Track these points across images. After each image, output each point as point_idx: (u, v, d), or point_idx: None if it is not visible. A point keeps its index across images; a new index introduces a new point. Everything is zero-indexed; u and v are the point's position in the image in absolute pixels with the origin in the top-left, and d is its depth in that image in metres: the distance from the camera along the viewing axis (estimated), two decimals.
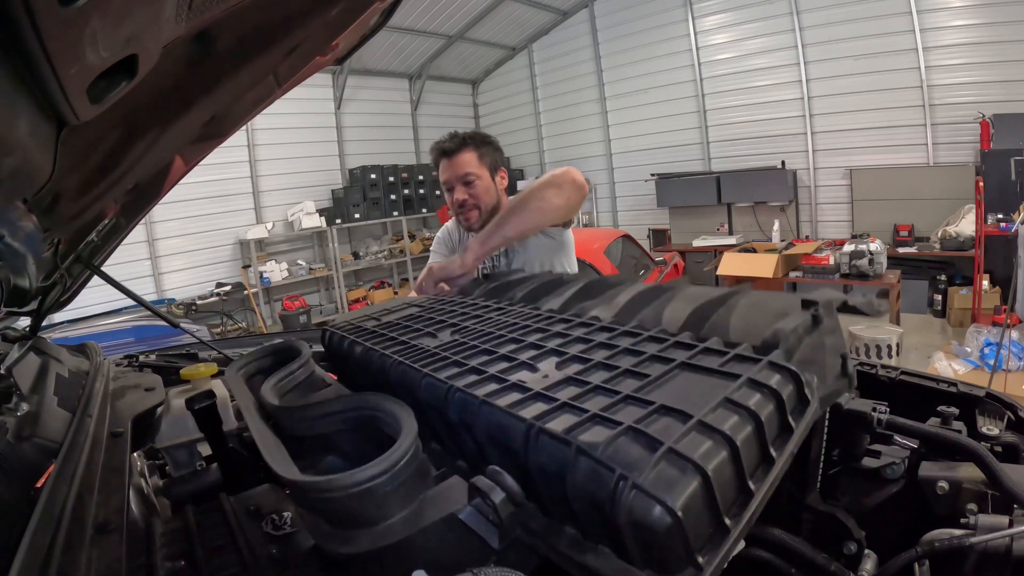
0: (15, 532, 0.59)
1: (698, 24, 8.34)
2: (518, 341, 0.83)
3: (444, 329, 0.98)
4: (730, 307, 0.83)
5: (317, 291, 9.03)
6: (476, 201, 1.77)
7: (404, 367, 0.83)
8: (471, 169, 1.77)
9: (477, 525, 0.57)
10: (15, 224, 0.78)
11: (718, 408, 0.55)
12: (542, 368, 0.72)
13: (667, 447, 0.50)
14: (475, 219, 1.78)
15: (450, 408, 0.70)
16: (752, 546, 0.77)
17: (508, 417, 0.61)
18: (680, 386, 0.62)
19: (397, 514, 0.60)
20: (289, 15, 0.69)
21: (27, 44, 0.37)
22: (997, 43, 6.08)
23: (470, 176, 1.76)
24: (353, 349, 1.02)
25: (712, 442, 0.51)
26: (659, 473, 0.48)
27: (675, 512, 0.46)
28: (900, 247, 6.55)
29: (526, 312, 0.99)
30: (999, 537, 0.66)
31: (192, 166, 1.15)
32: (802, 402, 0.61)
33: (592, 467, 0.52)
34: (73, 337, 4.54)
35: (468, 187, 1.76)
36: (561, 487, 0.55)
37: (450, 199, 1.82)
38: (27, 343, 1.16)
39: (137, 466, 1.09)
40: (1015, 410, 0.98)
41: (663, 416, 0.56)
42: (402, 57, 9.38)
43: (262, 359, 1.10)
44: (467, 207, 1.77)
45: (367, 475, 0.58)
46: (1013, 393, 1.19)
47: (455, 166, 1.76)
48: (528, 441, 0.58)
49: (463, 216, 1.80)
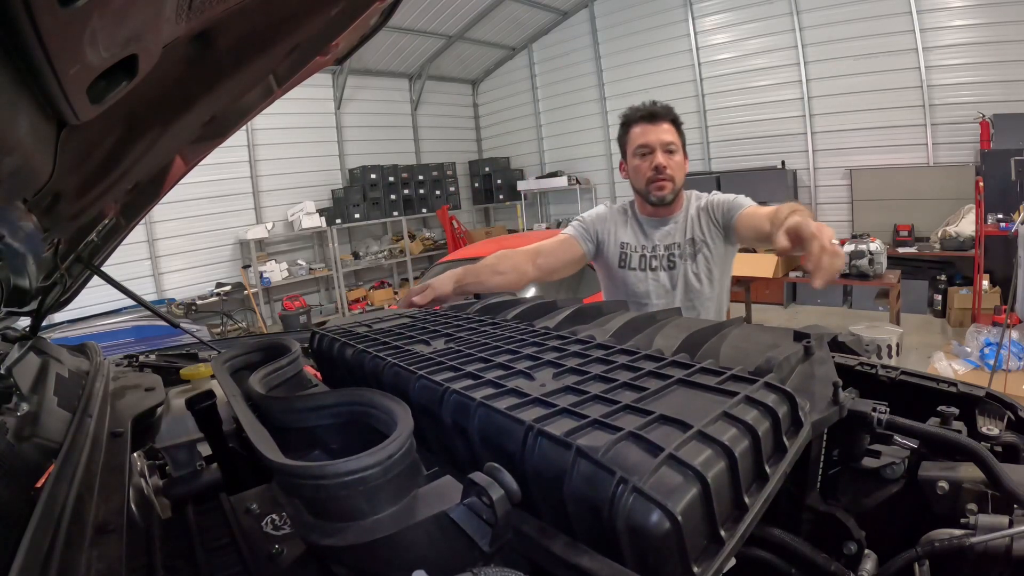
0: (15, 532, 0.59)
1: (698, 24, 8.35)
2: (514, 352, 0.83)
3: (438, 338, 0.98)
4: (722, 336, 0.85)
5: (317, 291, 9.03)
6: (673, 173, 1.73)
7: (397, 369, 0.82)
8: (675, 140, 1.74)
9: (468, 525, 0.55)
10: (15, 224, 0.77)
11: (717, 421, 0.56)
12: (539, 378, 0.72)
13: (668, 453, 0.50)
14: (668, 190, 1.73)
15: (445, 410, 0.69)
16: (752, 546, 0.77)
17: (506, 419, 0.61)
18: (678, 400, 0.62)
19: (387, 509, 0.58)
20: (289, 15, 0.69)
21: (27, 44, 0.37)
22: (997, 43, 6.08)
23: (673, 145, 1.73)
24: (344, 352, 1.00)
25: (711, 452, 0.52)
26: (659, 478, 0.48)
27: (675, 517, 0.46)
28: (900, 247, 6.55)
29: (521, 327, 0.99)
30: (999, 537, 0.66)
31: (192, 166, 1.15)
32: (795, 424, 0.62)
33: (592, 470, 0.51)
34: (73, 337, 4.54)
35: (670, 155, 1.73)
36: (558, 492, 0.54)
37: (642, 164, 1.75)
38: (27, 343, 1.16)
39: (137, 466, 1.09)
40: (1015, 410, 0.97)
41: (663, 425, 0.56)
42: (402, 57, 9.38)
43: (249, 354, 1.07)
44: (664, 175, 1.72)
45: (361, 464, 0.55)
46: (1013, 393, 1.19)
47: (661, 131, 1.72)
48: (526, 443, 0.58)
49: (656, 183, 1.73)
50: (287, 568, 0.75)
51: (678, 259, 1.80)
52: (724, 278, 1.85)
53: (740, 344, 0.84)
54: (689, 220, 1.81)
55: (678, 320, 0.96)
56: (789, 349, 0.76)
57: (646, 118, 1.74)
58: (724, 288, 1.86)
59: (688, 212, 1.82)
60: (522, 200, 10.21)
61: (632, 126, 1.77)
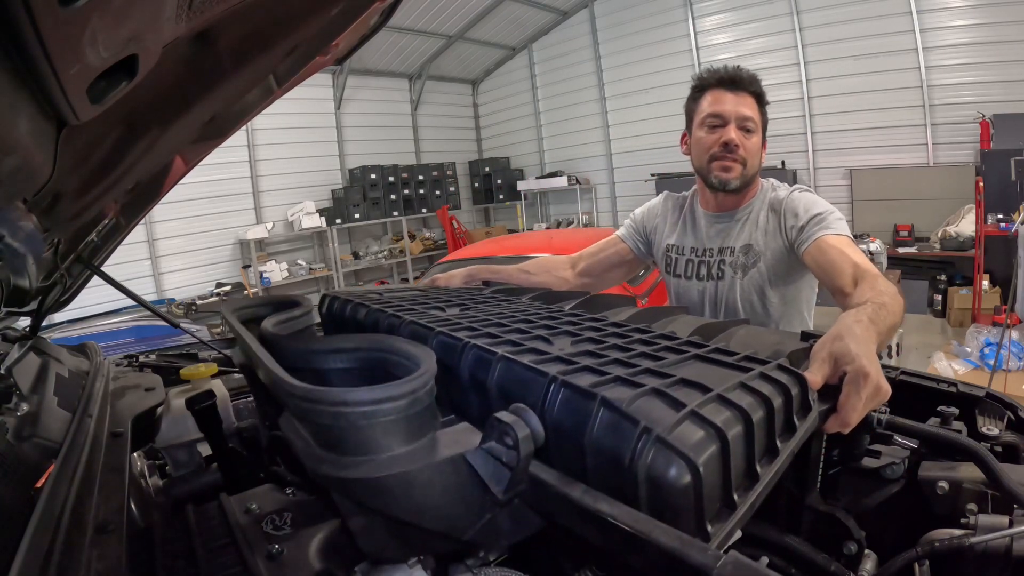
0: (15, 532, 0.59)
1: (698, 24, 8.34)
2: (529, 322, 0.82)
3: (452, 307, 0.97)
4: (729, 335, 0.85)
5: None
6: (746, 155, 1.38)
7: (415, 326, 0.80)
8: (755, 116, 1.39)
9: (485, 469, 0.54)
10: (15, 224, 0.77)
11: (735, 389, 0.56)
12: (557, 343, 0.71)
13: (690, 409, 0.50)
14: (735, 175, 1.38)
15: (464, 364, 0.68)
16: (752, 547, 0.77)
17: (529, 371, 0.60)
18: (696, 370, 0.62)
19: (403, 447, 0.55)
20: (289, 15, 0.69)
21: (27, 44, 0.37)
22: (997, 43, 6.08)
23: (751, 123, 1.39)
24: (357, 312, 0.98)
25: (731, 414, 0.52)
26: (681, 432, 0.49)
27: (697, 469, 0.46)
28: (900, 247, 6.55)
29: (535, 305, 0.98)
30: (999, 537, 0.66)
31: (192, 166, 1.15)
32: (805, 406, 0.63)
33: (615, 420, 0.51)
34: (73, 337, 4.53)
35: (746, 134, 1.38)
36: (579, 443, 0.54)
37: (708, 137, 1.40)
38: (27, 343, 1.16)
39: (137, 466, 1.09)
40: (1015, 410, 0.98)
41: (683, 387, 0.56)
42: (402, 57, 9.37)
43: (259, 307, 1.04)
44: (734, 153, 1.37)
45: (385, 394, 0.53)
46: (1013, 393, 1.18)
47: (740, 103, 1.38)
48: (548, 395, 0.57)
49: (721, 163, 1.38)
50: (287, 568, 0.75)
51: (727, 268, 1.44)
52: (788, 305, 1.43)
53: (747, 341, 0.84)
54: (752, 219, 1.43)
55: (685, 318, 0.96)
56: (796, 346, 0.76)
57: (726, 83, 1.39)
58: (787, 318, 1.43)
59: (754, 209, 1.44)
60: (522, 200, 10.20)
61: (706, 91, 1.42)
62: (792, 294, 1.43)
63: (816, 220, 1.30)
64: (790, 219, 1.35)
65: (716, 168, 1.39)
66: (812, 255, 1.27)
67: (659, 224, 1.59)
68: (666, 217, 1.58)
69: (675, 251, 1.54)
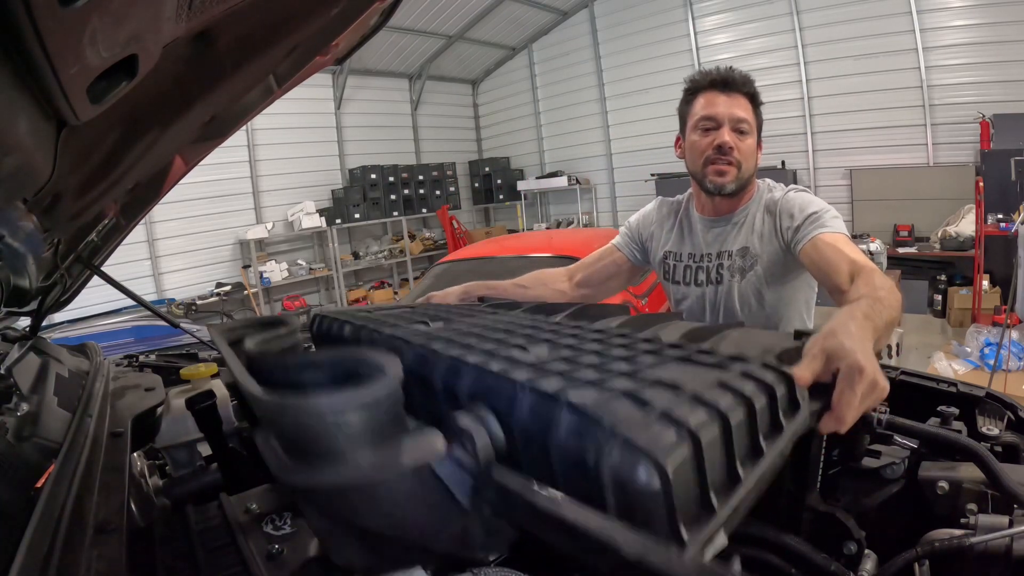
0: (15, 532, 0.59)
1: (698, 24, 8.34)
2: (510, 332, 0.83)
3: (436, 321, 0.98)
4: (722, 337, 0.85)
5: (317, 291, 9.03)
6: (741, 157, 1.37)
7: (392, 339, 0.82)
8: (748, 118, 1.38)
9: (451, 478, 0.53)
10: (15, 224, 0.78)
11: (713, 388, 0.54)
12: (533, 351, 0.71)
13: (660, 411, 0.48)
14: (730, 178, 1.37)
15: (436, 374, 0.68)
16: (752, 546, 0.77)
17: (497, 379, 0.60)
18: (674, 372, 0.60)
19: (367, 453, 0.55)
20: (289, 15, 0.69)
21: (27, 44, 0.37)
22: (997, 43, 6.08)
23: (745, 125, 1.37)
24: (343, 329, 1.01)
25: (706, 415, 0.50)
26: (650, 433, 0.46)
27: (664, 470, 0.43)
28: (900, 247, 6.55)
29: (520, 316, 0.99)
30: (999, 537, 0.66)
31: (192, 166, 1.15)
32: (793, 405, 0.61)
33: (579, 422, 0.50)
34: (73, 337, 4.54)
35: (740, 136, 1.37)
36: (546, 449, 0.53)
37: (702, 140, 1.39)
38: (27, 343, 1.16)
39: (137, 466, 1.09)
40: (1015, 410, 0.98)
41: (657, 388, 0.54)
42: (402, 57, 9.37)
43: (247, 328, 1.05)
44: (729, 156, 1.36)
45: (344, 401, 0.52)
46: (1013, 393, 1.19)
47: (733, 104, 1.37)
48: (515, 400, 0.56)
49: (716, 166, 1.37)
50: (287, 568, 0.75)
51: (725, 272, 1.43)
52: (786, 306, 1.43)
53: (739, 343, 0.84)
54: (748, 222, 1.43)
55: (677, 323, 0.96)
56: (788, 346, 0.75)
57: (717, 85, 1.38)
58: (786, 319, 1.43)
59: (750, 212, 1.44)
60: (522, 200, 10.20)
61: (698, 94, 1.41)
62: (790, 295, 1.43)
63: (811, 219, 1.30)
64: (785, 220, 1.36)
65: (711, 172, 1.39)
66: (808, 254, 1.27)
67: (655, 231, 1.59)
68: (662, 224, 1.58)
69: (673, 258, 1.54)
